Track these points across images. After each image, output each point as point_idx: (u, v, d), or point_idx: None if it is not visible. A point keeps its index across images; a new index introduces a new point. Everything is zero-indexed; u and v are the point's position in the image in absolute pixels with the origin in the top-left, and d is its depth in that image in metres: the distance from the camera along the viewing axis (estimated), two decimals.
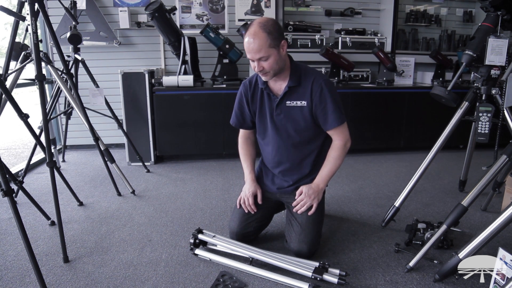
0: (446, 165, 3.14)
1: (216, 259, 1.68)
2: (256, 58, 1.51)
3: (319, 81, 1.62)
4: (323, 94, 1.61)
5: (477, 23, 4.01)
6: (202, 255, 1.71)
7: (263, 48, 1.48)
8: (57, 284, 1.52)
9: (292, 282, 1.47)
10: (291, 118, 1.69)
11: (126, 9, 3.54)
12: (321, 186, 1.71)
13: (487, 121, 1.85)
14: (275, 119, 1.71)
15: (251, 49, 1.49)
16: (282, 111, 1.68)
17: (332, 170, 1.71)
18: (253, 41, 1.47)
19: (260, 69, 1.54)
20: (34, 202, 2.04)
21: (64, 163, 3.37)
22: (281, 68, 1.59)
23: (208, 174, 3.01)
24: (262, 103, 1.73)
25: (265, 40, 1.47)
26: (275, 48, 1.51)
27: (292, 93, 1.65)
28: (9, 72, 2.15)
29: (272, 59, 1.52)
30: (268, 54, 1.50)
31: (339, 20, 3.94)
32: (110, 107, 2.87)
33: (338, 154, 1.70)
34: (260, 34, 1.47)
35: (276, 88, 1.69)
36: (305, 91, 1.63)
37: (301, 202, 1.68)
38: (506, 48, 1.81)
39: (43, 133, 1.84)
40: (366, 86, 3.57)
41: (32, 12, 1.87)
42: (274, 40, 1.49)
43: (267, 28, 1.48)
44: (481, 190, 1.61)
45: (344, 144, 1.71)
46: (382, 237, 1.93)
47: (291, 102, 1.66)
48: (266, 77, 1.60)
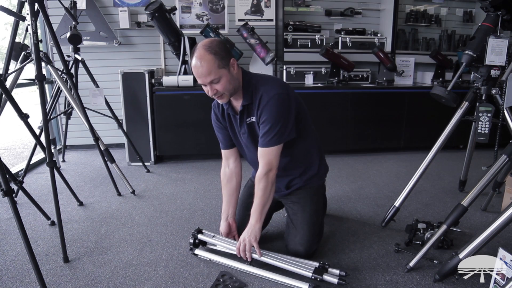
0: (446, 165, 3.14)
1: (215, 259, 1.67)
2: (207, 81, 1.45)
3: (264, 97, 1.52)
4: (264, 111, 1.52)
5: (477, 23, 4.01)
6: (202, 255, 1.71)
7: (213, 70, 1.42)
8: (57, 284, 1.52)
9: (292, 283, 1.47)
10: (254, 134, 1.64)
11: (126, 9, 3.54)
12: (253, 223, 1.58)
13: (487, 121, 1.85)
14: (242, 137, 1.69)
15: (200, 73, 1.43)
16: (245, 130, 1.65)
17: (261, 204, 1.58)
18: (200, 65, 1.42)
19: (214, 92, 1.48)
20: (34, 202, 2.04)
21: (64, 163, 3.37)
22: (235, 88, 1.53)
23: (208, 174, 3.01)
24: (231, 123, 1.71)
25: (213, 62, 1.42)
26: (225, 68, 1.46)
27: (249, 110, 1.60)
28: (9, 72, 2.15)
29: (224, 79, 1.46)
30: (218, 75, 1.44)
31: (339, 20, 3.94)
32: (110, 107, 2.87)
33: (263, 186, 1.57)
34: (206, 57, 1.41)
35: (238, 106, 1.63)
36: (255, 107, 1.56)
37: (241, 248, 1.57)
38: (506, 48, 1.81)
39: (43, 133, 1.84)
40: (366, 86, 3.57)
41: (32, 12, 1.87)
42: (222, 60, 1.44)
43: (213, 49, 1.42)
44: (481, 190, 1.61)
45: (266, 173, 1.56)
46: (382, 237, 1.93)
47: (250, 119, 1.61)
48: (223, 100, 1.56)
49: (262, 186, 1.57)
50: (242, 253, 1.58)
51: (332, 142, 3.49)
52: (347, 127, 3.49)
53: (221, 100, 1.58)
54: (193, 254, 1.73)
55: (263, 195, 1.58)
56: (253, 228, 1.58)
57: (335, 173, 3.00)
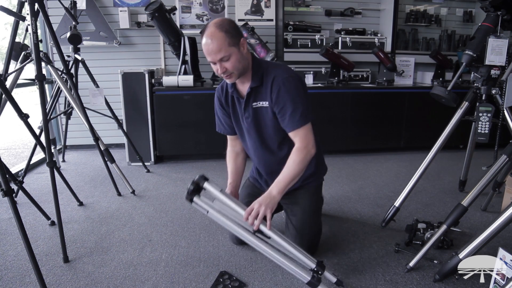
0: (446, 165, 3.14)
1: (214, 214, 1.41)
2: (217, 59, 1.43)
3: (278, 80, 1.51)
4: (281, 94, 1.50)
5: (477, 23, 4.01)
6: (200, 204, 1.41)
7: (223, 47, 1.40)
8: (57, 284, 1.52)
9: (295, 268, 1.38)
10: (259, 120, 1.62)
11: (126, 9, 3.54)
12: (273, 193, 1.44)
13: (487, 121, 1.85)
14: (245, 122, 1.65)
15: (211, 50, 1.41)
16: (250, 114, 1.61)
17: (289, 176, 1.47)
18: (211, 42, 1.40)
19: (223, 70, 1.46)
20: (34, 202, 2.04)
21: (64, 163, 3.37)
22: (244, 67, 1.51)
23: (208, 174, 2.97)
24: (234, 108, 1.68)
25: (224, 39, 1.40)
26: (235, 47, 1.44)
27: (256, 94, 1.58)
28: (9, 72, 2.15)
29: (234, 58, 1.44)
30: (228, 53, 1.42)
31: (339, 20, 3.94)
32: (110, 107, 2.87)
33: (299, 158, 1.48)
34: (217, 34, 1.40)
35: (244, 90, 1.61)
36: (267, 90, 1.54)
37: (252, 213, 1.37)
38: (506, 48, 1.81)
39: (43, 133, 1.84)
40: (366, 86, 3.57)
41: (32, 12, 1.87)
42: (233, 39, 1.43)
43: (224, 27, 1.41)
44: (481, 190, 1.61)
45: (305, 146, 1.49)
46: (382, 237, 1.93)
47: (256, 103, 1.58)
48: (231, 79, 1.53)
49: (297, 158, 1.48)
50: (251, 219, 1.37)
51: (332, 142, 3.49)
52: (347, 127, 3.49)
53: (229, 80, 1.55)
54: (189, 201, 1.41)
55: (296, 167, 1.47)
56: (272, 198, 1.42)
57: (335, 173, 2.99)
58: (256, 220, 1.36)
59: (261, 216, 1.36)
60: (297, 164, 1.48)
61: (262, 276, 1.58)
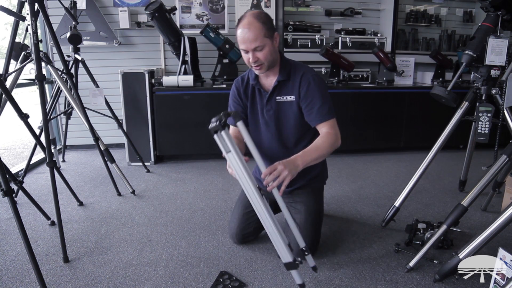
0: (446, 165, 3.14)
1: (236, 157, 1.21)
2: (251, 47, 1.47)
3: (307, 76, 1.58)
4: (311, 89, 1.57)
5: (477, 23, 4.01)
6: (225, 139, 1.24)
7: (259, 37, 1.45)
8: (57, 284, 1.52)
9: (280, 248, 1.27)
10: (281, 114, 1.66)
11: (126, 9, 3.54)
12: (298, 162, 1.38)
13: (487, 121, 1.85)
14: (266, 115, 1.68)
15: (247, 38, 1.45)
16: (272, 107, 1.65)
17: (317, 153, 1.44)
18: (248, 31, 1.45)
19: (255, 60, 1.50)
20: (34, 202, 2.04)
21: (64, 163, 3.37)
22: (274, 60, 1.57)
23: (208, 174, 3.01)
24: (254, 100, 1.71)
25: (260, 30, 1.45)
26: (270, 39, 1.50)
27: (282, 88, 1.63)
28: (9, 72, 2.15)
29: (267, 49, 1.49)
30: (263, 43, 1.47)
31: (339, 20, 3.94)
32: (110, 107, 2.87)
33: (328, 141, 1.49)
34: (255, 24, 1.45)
35: (267, 83, 1.66)
36: (294, 85, 1.60)
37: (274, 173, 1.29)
38: (506, 48, 1.81)
39: (43, 133, 1.84)
40: (366, 86, 3.57)
41: (32, 12, 1.87)
42: (268, 31, 1.48)
43: (261, 18, 1.47)
44: (481, 190, 1.61)
45: (335, 134, 1.53)
46: (382, 237, 1.93)
47: (281, 98, 1.63)
48: (261, 70, 1.56)
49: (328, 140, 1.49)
50: (269, 178, 1.27)
51: None
52: (347, 127, 3.49)
53: (259, 70, 1.57)
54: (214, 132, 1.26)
55: (325, 148, 1.46)
56: (295, 166, 1.35)
57: (335, 173, 3.00)
58: (274, 182, 1.28)
59: (280, 180, 1.28)
60: (326, 145, 1.49)
61: (262, 276, 1.58)
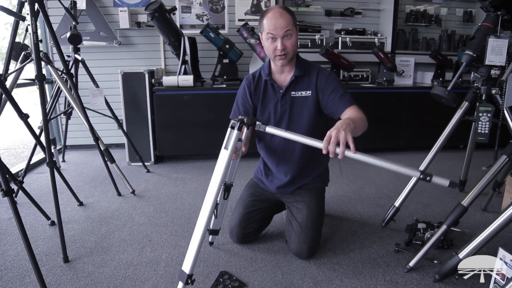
0: (446, 165, 3.14)
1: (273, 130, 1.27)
2: (282, 33, 1.51)
3: (324, 71, 1.65)
4: (329, 80, 1.62)
5: (477, 23, 4.01)
6: (232, 138, 1.31)
7: (289, 24, 1.51)
8: (57, 284, 1.52)
9: (403, 170, 1.27)
10: (295, 109, 1.67)
11: (126, 9, 3.54)
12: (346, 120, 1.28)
13: (487, 121, 1.85)
14: (279, 110, 1.69)
15: (279, 24, 1.49)
16: (287, 102, 1.67)
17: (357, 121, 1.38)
18: (280, 17, 1.50)
19: (283, 47, 1.52)
20: (34, 202, 2.04)
21: (64, 163, 3.37)
22: (295, 54, 1.60)
23: (208, 174, 3.01)
24: (265, 95, 1.72)
25: (291, 19, 1.52)
26: (296, 30, 1.56)
27: (298, 83, 1.65)
28: (9, 72, 2.15)
29: (294, 38, 1.55)
30: (293, 31, 1.53)
31: (339, 20, 3.94)
32: (110, 107, 2.87)
33: (361, 115, 1.47)
34: (285, 13, 1.51)
35: (281, 79, 1.68)
36: (311, 80, 1.64)
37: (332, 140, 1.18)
38: (506, 48, 1.81)
39: (43, 133, 1.84)
40: (366, 86, 3.57)
41: (32, 12, 1.87)
42: (295, 23, 1.55)
43: (290, 11, 1.55)
44: (481, 190, 1.61)
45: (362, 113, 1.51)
46: (382, 237, 1.93)
47: (296, 93, 1.66)
48: (284, 60, 1.58)
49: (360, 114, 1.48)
50: (331, 147, 1.17)
51: None
52: None
53: (282, 60, 1.58)
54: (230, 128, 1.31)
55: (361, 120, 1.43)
56: (348, 124, 1.23)
57: (335, 173, 2.98)
58: (340, 147, 1.18)
59: (344, 141, 1.18)
60: (362, 117, 1.46)
61: (262, 276, 1.58)
